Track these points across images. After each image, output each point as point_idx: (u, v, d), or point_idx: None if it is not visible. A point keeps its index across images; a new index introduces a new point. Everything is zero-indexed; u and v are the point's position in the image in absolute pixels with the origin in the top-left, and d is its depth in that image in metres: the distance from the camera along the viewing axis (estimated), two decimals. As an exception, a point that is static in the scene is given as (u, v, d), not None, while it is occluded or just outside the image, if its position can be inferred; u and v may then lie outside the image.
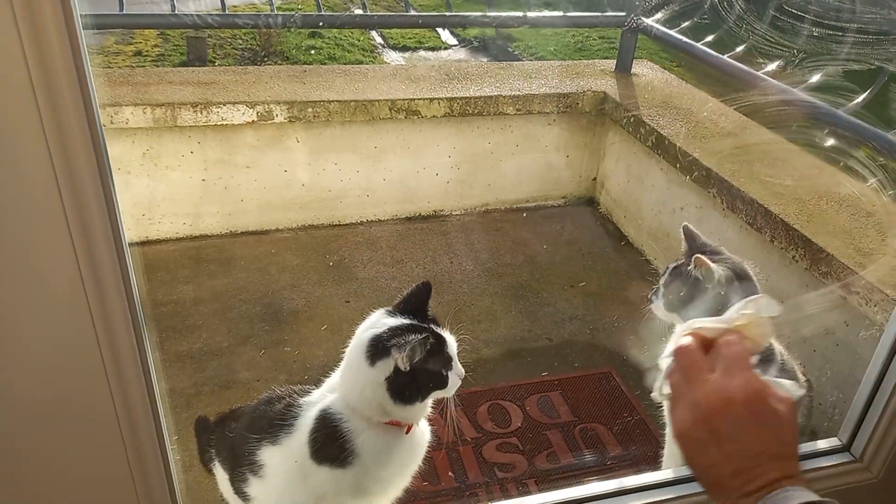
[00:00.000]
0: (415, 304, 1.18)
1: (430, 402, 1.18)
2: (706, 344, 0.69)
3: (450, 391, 1.16)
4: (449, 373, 1.14)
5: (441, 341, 1.13)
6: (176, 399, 1.92)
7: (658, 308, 1.36)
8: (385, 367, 1.09)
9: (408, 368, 1.08)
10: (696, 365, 0.67)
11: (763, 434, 0.64)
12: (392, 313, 1.16)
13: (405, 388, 1.10)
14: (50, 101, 0.56)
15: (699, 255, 1.27)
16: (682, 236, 1.41)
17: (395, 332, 1.11)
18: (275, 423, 1.20)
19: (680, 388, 0.67)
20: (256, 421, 1.24)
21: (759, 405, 0.64)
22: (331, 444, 1.13)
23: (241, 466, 1.23)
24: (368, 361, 1.10)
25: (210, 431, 1.39)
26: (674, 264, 1.35)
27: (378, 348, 1.09)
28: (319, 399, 1.19)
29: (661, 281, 1.35)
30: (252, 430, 1.23)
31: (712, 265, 1.27)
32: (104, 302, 0.66)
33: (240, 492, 1.26)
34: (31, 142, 0.57)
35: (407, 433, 1.17)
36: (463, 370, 1.16)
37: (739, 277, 1.30)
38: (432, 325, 1.16)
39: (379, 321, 1.15)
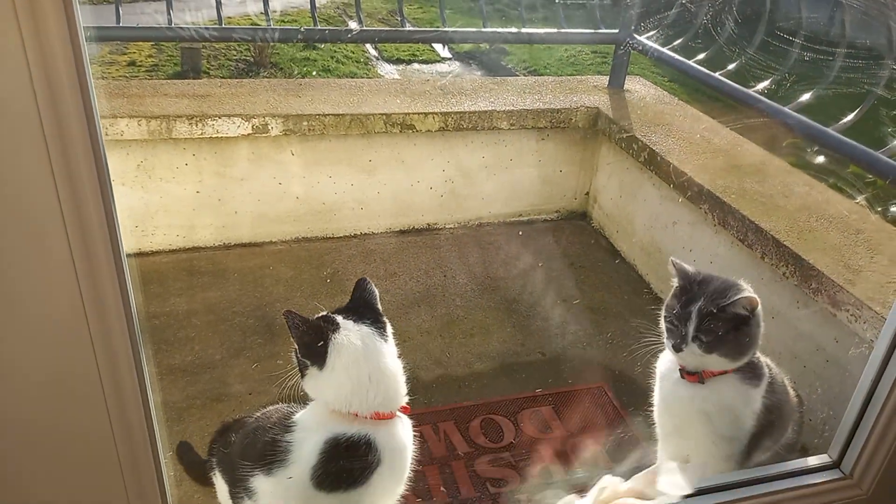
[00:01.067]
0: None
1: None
2: None
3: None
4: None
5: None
6: (168, 412, 1.92)
7: (691, 354, 1.28)
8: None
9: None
10: None
11: None
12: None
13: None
14: (53, 113, 0.57)
15: (751, 296, 1.25)
16: (673, 271, 1.37)
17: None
18: (267, 455, 1.19)
19: None
20: (248, 449, 1.24)
21: None
22: (335, 468, 1.13)
23: (238, 487, 1.23)
24: None
25: (211, 440, 1.39)
26: (697, 305, 1.27)
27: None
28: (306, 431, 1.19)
29: (691, 326, 1.27)
30: (245, 458, 1.22)
31: (758, 300, 1.26)
32: (102, 314, 0.66)
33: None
34: (33, 153, 0.58)
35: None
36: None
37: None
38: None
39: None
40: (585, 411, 2.03)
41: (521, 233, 2.96)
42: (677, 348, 1.30)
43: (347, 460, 1.13)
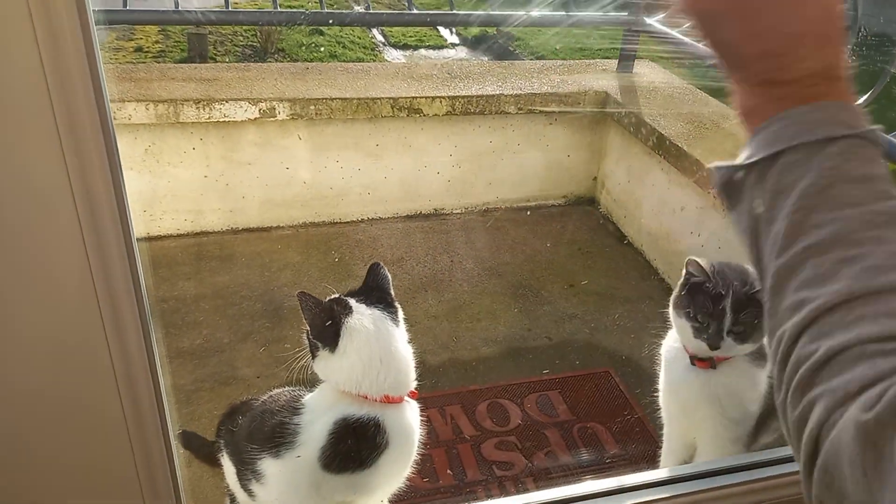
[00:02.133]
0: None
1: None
2: None
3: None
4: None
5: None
6: (176, 395, 1.93)
7: (727, 348, 1.27)
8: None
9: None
10: None
11: (807, 9, 0.48)
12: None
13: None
14: (63, 96, 0.57)
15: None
16: (694, 270, 1.31)
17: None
18: (275, 438, 1.20)
19: None
20: (256, 432, 1.25)
21: None
22: (358, 447, 1.15)
23: (245, 469, 1.25)
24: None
25: (219, 422, 1.41)
26: (727, 300, 1.25)
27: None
28: (316, 413, 1.20)
29: (727, 322, 1.25)
30: (252, 441, 1.24)
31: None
32: (113, 296, 0.66)
33: (246, 489, 1.28)
34: (43, 136, 0.58)
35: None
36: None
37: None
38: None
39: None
40: (591, 396, 2.04)
41: (528, 213, 2.95)
42: (714, 346, 1.27)
43: (356, 441, 1.14)
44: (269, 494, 1.23)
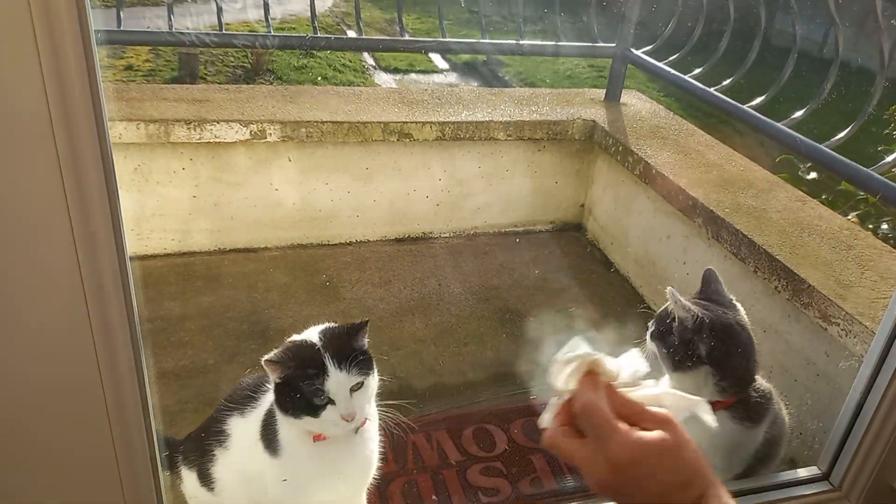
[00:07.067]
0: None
1: (326, 422, 1.10)
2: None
3: (325, 427, 1.10)
4: (324, 407, 1.08)
5: (316, 372, 1.08)
6: (160, 416, 1.91)
7: (647, 335, 1.40)
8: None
9: (277, 380, 1.10)
10: (566, 445, 0.71)
11: (664, 478, 0.66)
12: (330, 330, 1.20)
13: (284, 398, 1.11)
14: (63, 115, 0.57)
15: (670, 287, 1.30)
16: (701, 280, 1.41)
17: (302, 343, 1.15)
18: (246, 396, 1.26)
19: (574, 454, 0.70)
20: (234, 394, 1.30)
21: (641, 461, 0.66)
22: (269, 429, 1.18)
23: (210, 440, 1.27)
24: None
25: (179, 444, 1.42)
26: (654, 319, 1.39)
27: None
28: None
29: (651, 326, 1.39)
30: (229, 401, 1.29)
31: (685, 303, 1.28)
32: (104, 313, 0.67)
33: (205, 475, 1.30)
34: (42, 154, 0.58)
35: (314, 441, 1.16)
36: (352, 414, 1.08)
37: (718, 330, 1.28)
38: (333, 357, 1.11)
39: (318, 330, 1.19)
40: (577, 422, 2.03)
41: (517, 239, 2.97)
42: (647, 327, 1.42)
43: (270, 421, 1.18)
44: (229, 462, 1.25)
